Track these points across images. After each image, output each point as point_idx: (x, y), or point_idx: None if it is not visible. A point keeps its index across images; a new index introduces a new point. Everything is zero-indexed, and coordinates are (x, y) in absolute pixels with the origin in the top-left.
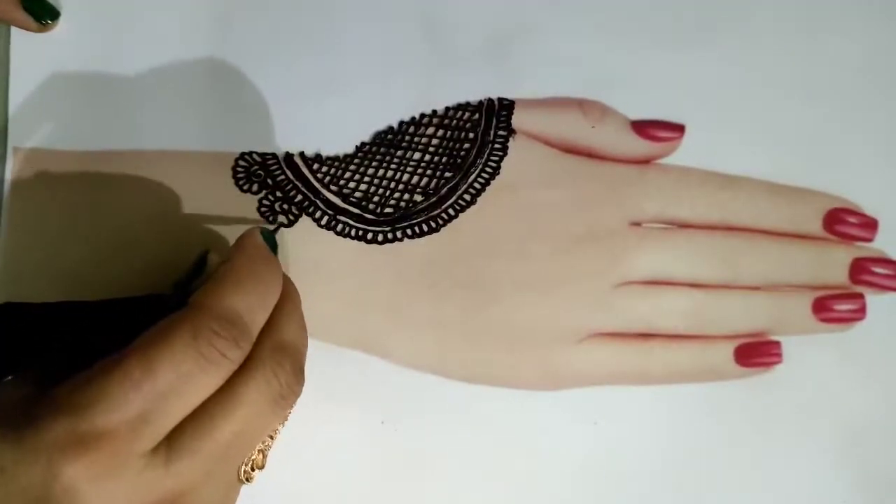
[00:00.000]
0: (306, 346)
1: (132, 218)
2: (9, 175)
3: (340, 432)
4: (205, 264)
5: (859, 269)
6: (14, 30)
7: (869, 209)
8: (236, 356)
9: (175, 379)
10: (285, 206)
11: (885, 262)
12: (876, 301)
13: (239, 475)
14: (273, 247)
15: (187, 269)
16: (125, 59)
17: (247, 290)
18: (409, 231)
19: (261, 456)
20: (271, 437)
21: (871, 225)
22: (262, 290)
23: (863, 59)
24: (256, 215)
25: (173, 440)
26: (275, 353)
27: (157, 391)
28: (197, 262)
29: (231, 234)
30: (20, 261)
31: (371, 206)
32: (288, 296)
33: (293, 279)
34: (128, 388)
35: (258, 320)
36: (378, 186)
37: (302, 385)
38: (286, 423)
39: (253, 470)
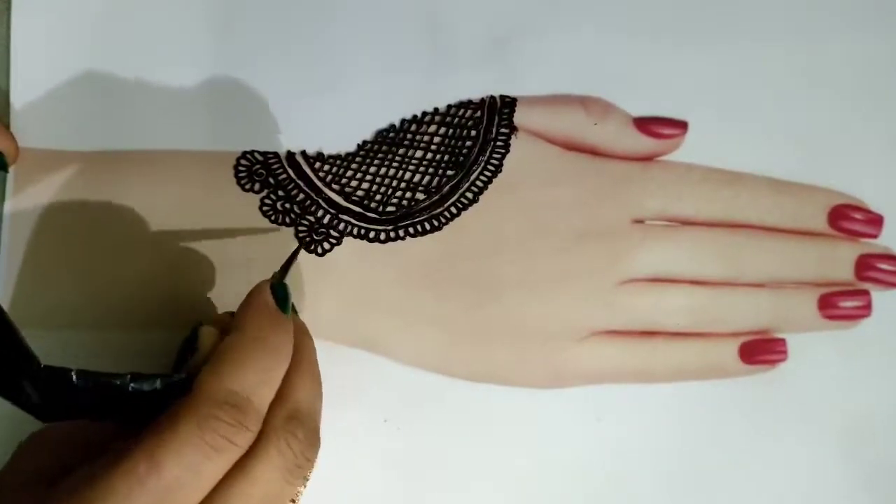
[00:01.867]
0: (321, 401)
1: (134, 217)
2: (11, 175)
3: (343, 431)
4: (196, 339)
5: (864, 265)
6: (15, 29)
7: (874, 205)
8: (244, 441)
9: (181, 472)
10: (287, 205)
11: (890, 258)
12: (881, 298)
13: None
14: (284, 299)
15: (179, 346)
16: (127, 59)
17: (252, 367)
18: (411, 230)
19: None
20: (293, 502)
21: (876, 221)
22: (269, 363)
23: (866, 56)
24: (258, 214)
25: None
26: (288, 423)
27: (163, 486)
28: (188, 337)
29: (232, 233)
30: (24, 259)
31: (373, 205)
32: (300, 352)
33: (292, 281)
34: (133, 485)
35: (266, 395)
36: (380, 185)
37: (317, 449)
38: (307, 485)
39: None
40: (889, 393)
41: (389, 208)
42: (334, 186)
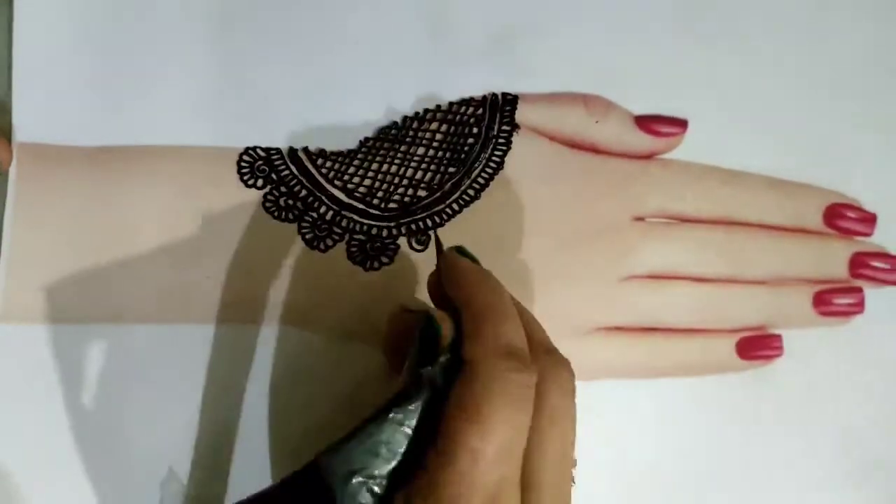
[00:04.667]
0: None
1: (136, 213)
2: (13, 170)
3: (345, 427)
4: (436, 327)
5: (858, 263)
6: (18, 26)
7: (868, 204)
8: (534, 380)
9: (508, 430)
10: (290, 202)
11: (883, 256)
12: (874, 295)
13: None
14: (473, 258)
15: (417, 344)
16: (129, 54)
17: (501, 319)
18: (413, 226)
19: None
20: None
21: (869, 220)
22: (508, 311)
23: (863, 56)
24: (261, 210)
25: (532, 480)
26: (548, 356)
27: (498, 450)
28: (425, 327)
29: (234, 229)
30: (26, 255)
31: (375, 202)
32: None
33: (295, 277)
34: (477, 460)
35: (523, 338)
36: (382, 182)
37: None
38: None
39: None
40: (882, 388)
41: (391, 205)
42: (337, 183)
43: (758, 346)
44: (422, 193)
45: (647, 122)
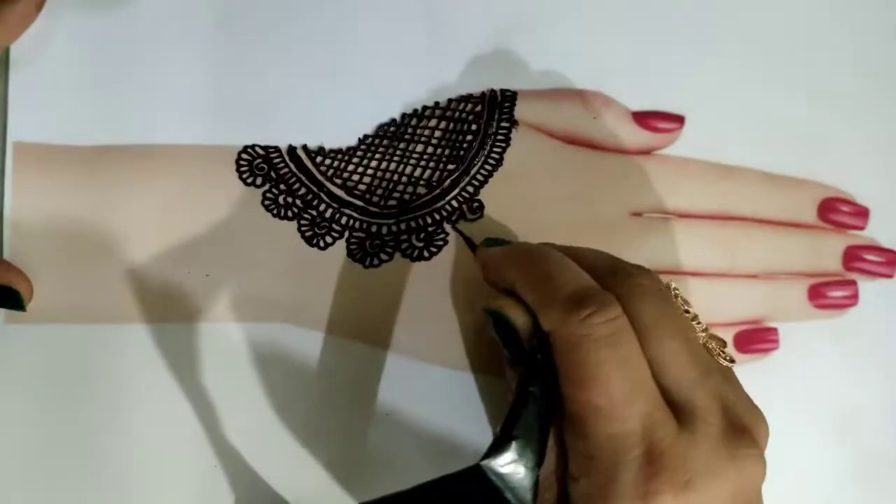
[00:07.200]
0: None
1: (135, 213)
2: (10, 170)
3: (347, 427)
4: (503, 318)
5: (852, 256)
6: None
7: (861, 198)
8: (616, 309)
9: (621, 370)
10: (289, 200)
11: (876, 249)
12: (868, 287)
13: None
14: (502, 241)
15: (500, 339)
16: (127, 52)
17: (550, 275)
18: (412, 223)
19: (715, 339)
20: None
21: (862, 213)
22: (552, 263)
23: (857, 53)
24: (260, 209)
25: (678, 398)
26: (614, 273)
27: (627, 392)
28: (497, 326)
29: (234, 227)
30: (24, 256)
31: (375, 199)
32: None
33: (294, 274)
34: (612, 416)
35: (583, 275)
36: (381, 179)
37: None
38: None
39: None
40: (876, 379)
41: (391, 202)
42: (336, 181)
43: (754, 339)
44: (421, 190)
45: (644, 118)
